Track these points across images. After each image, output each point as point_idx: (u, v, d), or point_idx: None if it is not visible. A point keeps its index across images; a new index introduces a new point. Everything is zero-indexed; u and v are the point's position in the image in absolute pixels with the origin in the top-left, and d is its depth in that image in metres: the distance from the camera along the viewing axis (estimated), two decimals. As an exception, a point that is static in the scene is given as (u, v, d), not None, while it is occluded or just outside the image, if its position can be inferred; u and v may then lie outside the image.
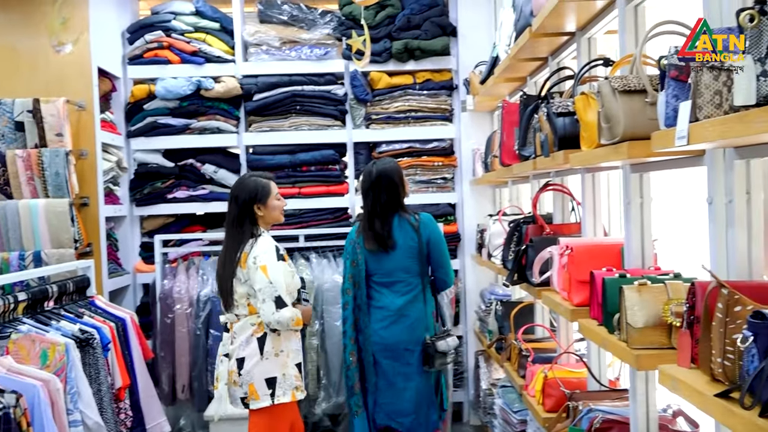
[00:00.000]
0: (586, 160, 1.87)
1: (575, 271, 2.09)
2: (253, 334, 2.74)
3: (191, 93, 4.32)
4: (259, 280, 2.68)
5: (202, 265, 4.04)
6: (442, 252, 3.13)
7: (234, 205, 2.82)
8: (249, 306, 2.78)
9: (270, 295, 2.67)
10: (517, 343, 3.10)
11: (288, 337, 2.78)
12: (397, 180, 3.10)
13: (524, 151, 2.73)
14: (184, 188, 4.40)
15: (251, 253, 2.73)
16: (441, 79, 4.48)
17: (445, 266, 3.15)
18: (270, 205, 2.83)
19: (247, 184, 2.85)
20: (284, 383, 2.73)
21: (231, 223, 2.82)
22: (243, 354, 2.72)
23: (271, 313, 2.66)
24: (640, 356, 1.55)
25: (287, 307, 2.68)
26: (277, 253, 2.76)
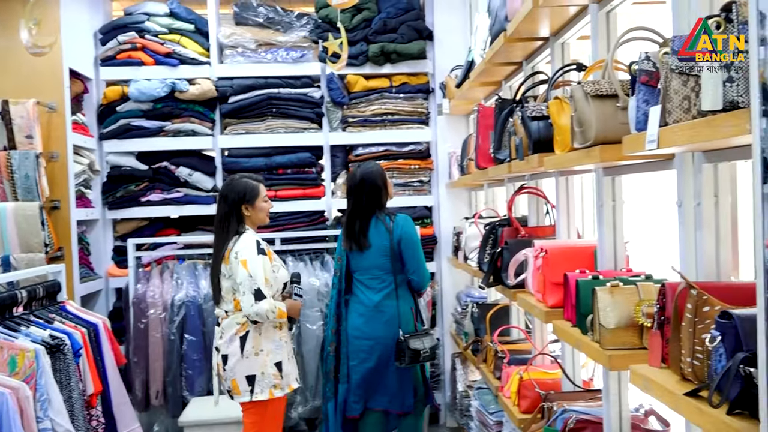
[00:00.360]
0: (559, 163, 1.89)
1: (549, 273, 2.11)
2: (236, 333, 2.84)
3: (165, 95, 4.27)
4: (240, 273, 2.78)
5: (176, 269, 3.99)
6: (413, 253, 3.17)
7: (223, 204, 2.92)
8: (234, 300, 2.86)
9: (249, 288, 2.76)
10: (493, 345, 3.12)
11: (269, 336, 2.86)
12: (380, 183, 3.20)
13: (499, 155, 2.75)
14: (158, 191, 4.35)
15: (233, 248, 2.83)
16: (417, 83, 4.50)
17: (417, 268, 3.17)
18: (257, 206, 2.92)
19: (236, 184, 2.93)
20: (263, 381, 2.82)
21: (219, 221, 2.93)
22: (227, 351, 2.85)
23: (250, 305, 2.75)
24: (612, 357, 1.57)
25: (266, 300, 2.76)
26: (257, 247, 2.83)
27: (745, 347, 1.10)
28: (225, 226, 2.89)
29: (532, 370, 2.67)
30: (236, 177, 3.00)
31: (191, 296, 3.80)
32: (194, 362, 3.78)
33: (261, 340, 2.84)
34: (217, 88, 4.33)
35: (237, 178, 2.98)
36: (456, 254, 4.06)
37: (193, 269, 4.02)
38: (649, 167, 1.72)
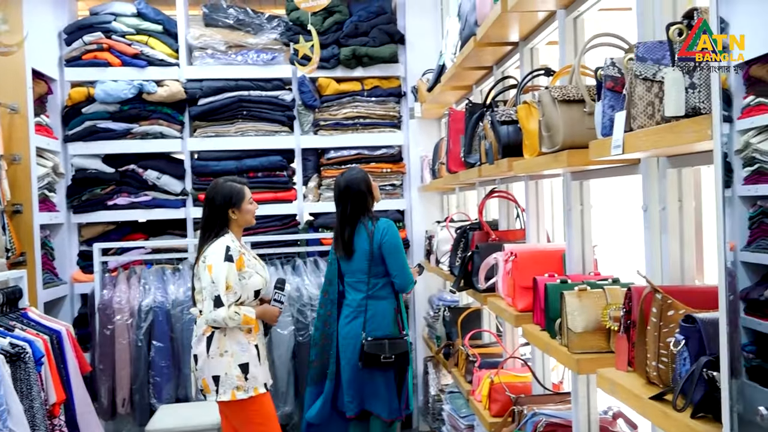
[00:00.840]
0: (528, 167, 1.90)
1: (519, 277, 2.12)
2: (204, 333, 2.83)
3: (133, 96, 4.19)
4: (204, 278, 2.80)
5: (143, 274, 3.92)
6: (395, 257, 3.19)
7: (208, 207, 2.93)
8: (204, 302, 2.85)
9: (210, 294, 2.77)
10: (464, 348, 3.13)
11: (234, 338, 2.84)
12: (364, 188, 3.24)
13: (470, 159, 2.76)
14: (125, 195, 4.26)
15: (204, 252, 2.84)
16: (389, 86, 4.50)
17: (399, 271, 3.19)
18: (244, 209, 2.93)
19: (222, 188, 2.93)
20: (226, 382, 2.80)
21: (203, 224, 2.94)
22: (196, 351, 2.86)
23: (209, 311, 2.76)
24: (580, 360, 1.58)
25: (223, 307, 2.75)
26: (225, 253, 2.81)
27: (709, 351, 1.12)
28: (208, 230, 2.90)
29: (503, 373, 2.68)
30: (221, 181, 2.98)
31: (159, 302, 3.73)
32: (162, 369, 3.70)
33: (225, 341, 2.82)
34: (186, 90, 4.26)
35: (222, 182, 2.97)
36: (428, 258, 4.06)
37: (161, 274, 3.95)
38: (616, 172, 1.73)
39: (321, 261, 4.25)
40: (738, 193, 0.99)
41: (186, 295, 3.77)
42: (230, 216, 2.91)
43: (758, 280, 1.00)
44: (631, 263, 2.16)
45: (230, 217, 2.91)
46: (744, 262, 0.99)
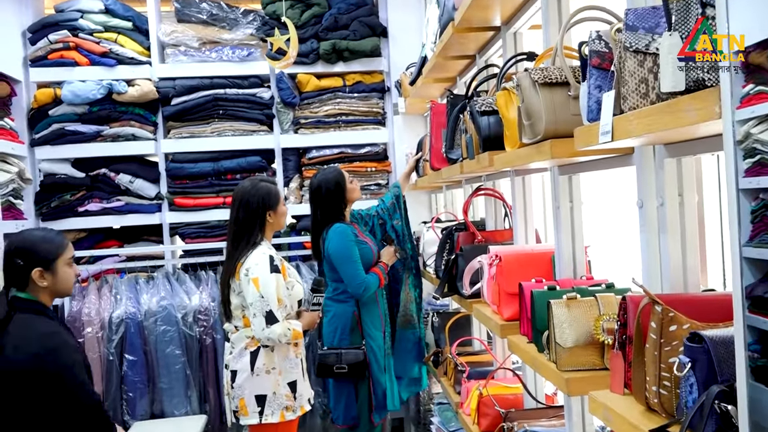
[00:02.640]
0: (509, 161, 1.70)
1: (504, 283, 1.92)
2: (246, 348, 2.61)
3: (102, 97, 3.99)
4: (251, 293, 2.55)
5: (115, 284, 3.71)
6: (342, 267, 3.05)
7: (243, 210, 2.66)
8: (244, 318, 2.64)
9: (260, 310, 2.53)
10: (452, 357, 2.94)
11: (283, 354, 2.63)
12: (334, 189, 3.09)
13: (452, 154, 2.57)
14: (96, 200, 4.06)
15: (244, 264, 2.59)
16: (372, 81, 4.30)
17: (348, 280, 3.04)
18: (279, 211, 2.72)
19: (259, 188, 2.69)
20: (274, 402, 2.58)
21: (237, 230, 2.66)
22: (236, 367, 2.61)
23: (261, 330, 2.53)
24: (570, 380, 1.38)
25: (278, 323, 2.53)
26: (271, 264, 2.59)
27: (720, 377, 0.92)
28: (244, 236, 2.63)
29: (493, 384, 2.49)
30: (254, 180, 2.74)
31: (131, 313, 3.52)
32: (135, 384, 3.50)
33: (274, 357, 2.60)
34: (158, 89, 4.06)
35: (256, 181, 2.72)
36: (416, 260, 3.86)
37: (134, 284, 3.75)
38: (607, 164, 1.54)
39: (304, 266, 4.05)
40: (740, 186, 0.85)
41: (160, 306, 3.57)
42: (267, 220, 2.67)
43: (761, 277, 0.89)
44: (628, 265, 1.96)
45: (267, 220, 2.67)
46: (747, 258, 0.86)
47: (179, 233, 4.16)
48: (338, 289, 3.09)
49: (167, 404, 3.55)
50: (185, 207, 4.11)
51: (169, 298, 3.62)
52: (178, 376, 3.54)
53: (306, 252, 4.08)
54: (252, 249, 2.61)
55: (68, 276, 2.17)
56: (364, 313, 3.08)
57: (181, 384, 3.55)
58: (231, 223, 2.70)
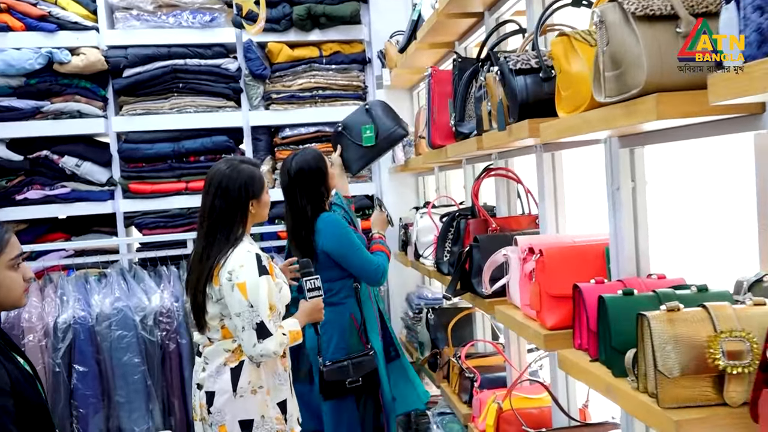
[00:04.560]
0: (569, 129, 1.32)
1: (548, 283, 1.55)
2: (226, 363, 2.17)
3: (41, 68, 3.46)
4: (237, 302, 2.11)
5: (61, 284, 3.21)
6: (344, 257, 2.66)
7: (221, 199, 2.19)
8: (223, 329, 2.18)
9: (250, 322, 2.10)
10: (458, 362, 2.57)
11: (270, 368, 2.20)
12: (317, 173, 2.67)
13: (462, 128, 2.18)
14: (37, 187, 3.54)
15: (225, 265, 2.13)
16: (351, 52, 3.87)
17: (360, 270, 2.67)
18: (263, 201, 2.27)
19: (240, 172, 2.22)
20: (262, 428, 2.16)
21: (213, 222, 2.19)
22: (213, 387, 2.17)
23: (252, 346, 2.11)
24: (682, 423, 1.01)
25: (272, 336, 2.11)
26: (258, 264, 2.14)
27: None
28: (222, 230, 2.17)
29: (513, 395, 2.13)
30: (233, 162, 2.25)
31: (80, 317, 3.04)
32: (87, 398, 3.03)
33: (260, 374, 2.17)
34: (107, 58, 3.55)
35: (235, 163, 2.25)
36: (404, 250, 3.47)
37: (83, 282, 3.25)
38: (712, 129, 1.16)
39: (279, 258, 3.62)
40: None
41: (114, 308, 3.10)
42: (250, 211, 2.22)
43: None
44: (697, 260, 1.61)
45: (249, 212, 2.22)
46: None
47: (135, 224, 3.67)
48: (332, 290, 2.68)
49: (125, 420, 3.09)
50: (142, 194, 3.62)
51: (125, 298, 3.15)
52: (138, 388, 3.09)
53: (281, 243, 3.65)
54: (233, 246, 2.16)
55: (13, 283, 1.64)
56: (359, 314, 2.68)
57: (141, 397, 3.10)
58: (204, 215, 2.22)
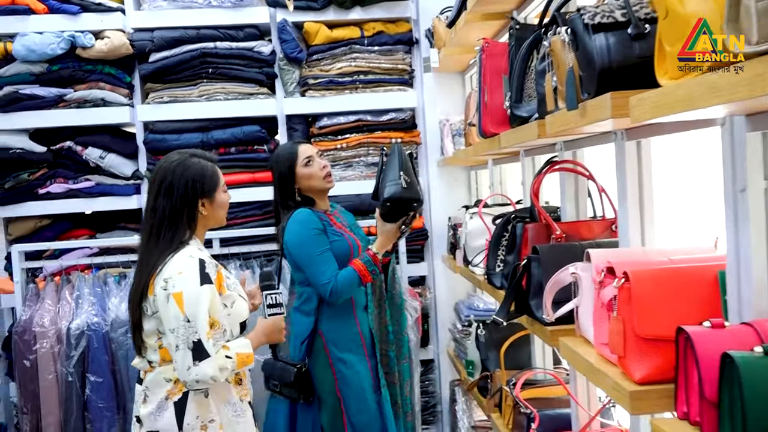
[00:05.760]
0: (679, 103, 0.88)
1: (637, 320, 1.12)
2: (168, 397, 1.88)
3: (64, 53, 3.23)
4: (172, 316, 1.82)
5: (79, 285, 2.97)
6: (300, 260, 2.36)
7: (164, 198, 1.93)
8: (161, 350, 1.89)
9: (185, 340, 1.80)
10: (511, 393, 2.15)
11: (222, 397, 1.90)
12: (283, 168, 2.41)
13: (519, 110, 1.76)
14: (60, 180, 3.32)
15: (162, 272, 1.86)
16: (397, 32, 3.47)
17: (308, 275, 2.36)
18: (217, 200, 2.00)
19: (188, 167, 1.95)
20: None
21: (154, 225, 1.93)
22: (155, 426, 1.88)
23: (186, 369, 1.81)
24: None
25: (209, 359, 1.80)
26: (201, 271, 1.84)
27: None
28: (163, 234, 1.90)
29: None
30: (182, 155, 1.99)
31: (94, 323, 2.79)
32: (101, 411, 2.78)
33: (209, 405, 1.87)
34: (132, 42, 3.29)
35: (182, 157, 1.98)
36: (453, 253, 3.07)
37: (101, 283, 3.01)
38: None
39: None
40: None
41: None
42: (200, 211, 1.95)
43: None
44: None
45: (199, 212, 1.95)
46: None
47: (162, 220, 3.40)
48: (303, 295, 2.38)
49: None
50: (168, 188, 3.35)
51: (143, 303, 2.87)
52: (156, 401, 2.81)
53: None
54: (175, 252, 1.84)
55: None
56: (329, 330, 2.34)
57: (159, 411, 2.82)
58: (146, 216, 1.93)
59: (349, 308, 2.36)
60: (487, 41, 2.06)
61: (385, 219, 2.35)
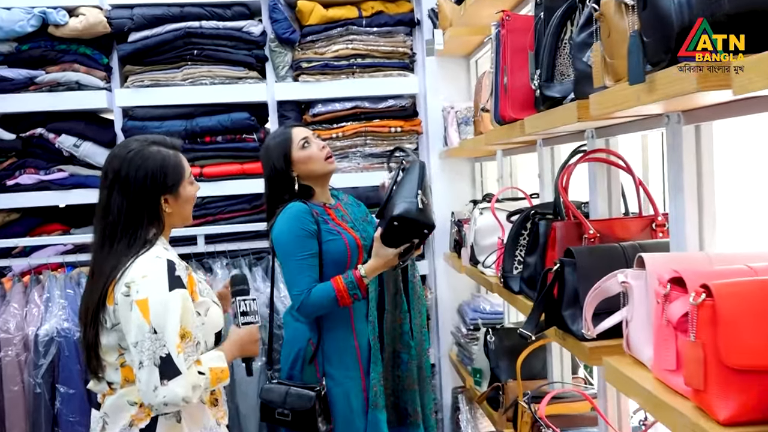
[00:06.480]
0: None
1: (727, 347, 0.89)
2: (134, 424, 1.62)
3: (34, 31, 2.96)
4: (135, 326, 1.56)
5: (49, 285, 2.71)
6: (280, 260, 2.12)
7: (120, 194, 1.67)
8: (123, 368, 1.62)
9: (151, 355, 1.54)
10: (529, 407, 1.93)
11: (197, 422, 1.64)
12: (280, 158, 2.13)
13: (551, 90, 1.52)
14: (31, 170, 3.06)
15: (124, 276, 1.60)
16: (397, 12, 3.23)
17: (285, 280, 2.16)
18: (183, 195, 1.73)
19: (146, 157, 1.68)
20: None
21: (112, 226, 1.67)
22: None
23: (152, 390, 1.54)
24: None
25: (179, 377, 1.54)
26: (170, 275, 1.59)
27: None
28: (122, 236, 1.64)
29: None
30: (140, 143, 1.72)
31: (65, 328, 2.54)
32: (72, 425, 2.52)
33: (182, 431, 1.62)
34: (110, 20, 3.03)
35: (143, 144, 1.71)
36: (457, 251, 2.84)
37: (73, 284, 2.75)
38: None
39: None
40: None
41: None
42: (162, 208, 1.69)
43: None
44: None
45: (162, 210, 1.69)
46: None
47: (142, 214, 3.15)
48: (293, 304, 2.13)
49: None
50: (149, 179, 3.09)
51: (120, 305, 2.62)
52: (134, 413, 2.56)
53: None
54: (137, 254, 1.59)
55: None
56: (322, 340, 2.08)
57: (138, 424, 2.57)
58: (97, 215, 1.67)
59: (347, 317, 2.11)
60: (508, 14, 1.82)
61: (386, 241, 2.01)
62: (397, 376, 2.29)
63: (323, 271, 2.05)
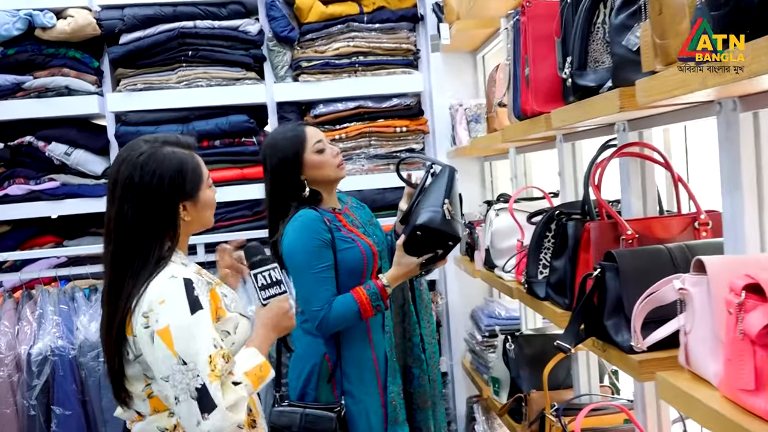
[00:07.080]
0: None
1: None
2: None
3: (21, 34, 2.87)
4: (161, 359, 1.40)
5: (42, 301, 2.57)
6: (293, 273, 1.94)
7: (133, 204, 1.47)
8: (151, 399, 1.48)
9: (186, 388, 1.38)
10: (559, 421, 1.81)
11: None
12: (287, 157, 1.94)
13: (584, 79, 1.40)
14: (20, 180, 2.93)
15: (141, 302, 1.43)
16: (400, 7, 3.11)
17: (300, 299, 1.95)
18: (203, 200, 1.54)
19: (161, 160, 1.48)
20: None
21: (125, 240, 1.47)
22: None
23: (196, 424, 1.37)
24: None
25: (217, 410, 1.37)
26: (188, 296, 1.43)
27: None
28: (137, 252, 1.47)
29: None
30: (149, 145, 1.52)
31: (59, 346, 2.40)
32: (70, 449, 2.39)
33: None
34: (100, 22, 2.91)
35: (156, 146, 1.52)
36: (470, 254, 2.72)
37: (67, 299, 2.61)
38: None
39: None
40: None
41: (103, 333, 2.44)
42: (180, 217, 1.51)
43: None
44: None
45: (180, 218, 1.51)
46: None
47: (138, 224, 3.01)
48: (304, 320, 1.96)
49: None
50: (144, 187, 2.96)
51: (117, 320, 2.49)
52: (134, 435, 2.43)
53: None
54: (154, 273, 1.43)
55: None
56: (344, 356, 1.94)
57: (138, 446, 2.44)
58: (110, 231, 1.47)
59: (364, 328, 1.97)
60: (529, 0, 1.70)
61: (408, 249, 1.89)
62: (409, 393, 2.16)
63: (338, 281, 1.91)
